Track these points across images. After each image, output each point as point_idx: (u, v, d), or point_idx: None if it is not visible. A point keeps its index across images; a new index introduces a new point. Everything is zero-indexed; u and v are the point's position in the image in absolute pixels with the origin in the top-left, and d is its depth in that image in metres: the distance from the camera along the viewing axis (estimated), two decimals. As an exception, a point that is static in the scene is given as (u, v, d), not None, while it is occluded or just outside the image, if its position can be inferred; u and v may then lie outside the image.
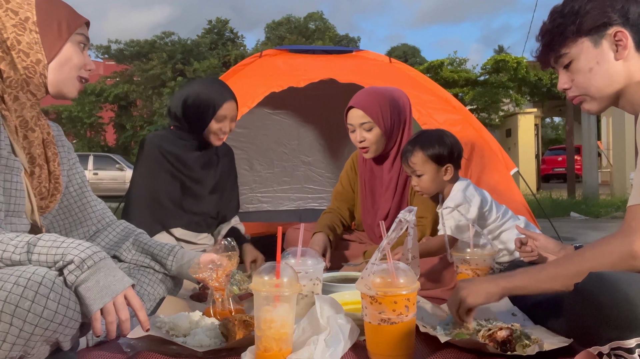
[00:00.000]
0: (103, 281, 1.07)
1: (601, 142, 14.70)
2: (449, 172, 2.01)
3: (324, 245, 2.26)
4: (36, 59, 1.25)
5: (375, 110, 2.20)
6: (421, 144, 1.99)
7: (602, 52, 1.27)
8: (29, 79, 1.25)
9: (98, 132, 21.87)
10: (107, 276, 1.07)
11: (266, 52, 3.44)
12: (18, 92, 1.24)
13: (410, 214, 1.40)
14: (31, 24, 1.24)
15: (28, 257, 1.05)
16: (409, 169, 2.03)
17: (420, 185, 2.03)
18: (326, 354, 1.16)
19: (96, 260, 1.07)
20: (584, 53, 1.28)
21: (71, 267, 1.04)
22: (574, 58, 1.30)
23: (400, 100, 2.28)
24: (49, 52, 1.27)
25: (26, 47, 1.23)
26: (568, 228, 5.86)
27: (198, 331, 1.36)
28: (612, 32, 1.25)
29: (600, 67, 1.28)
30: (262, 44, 23.45)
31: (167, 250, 1.64)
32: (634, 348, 0.99)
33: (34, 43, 1.24)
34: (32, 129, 1.28)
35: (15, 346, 0.97)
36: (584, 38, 1.28)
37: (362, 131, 2.22)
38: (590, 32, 1.27)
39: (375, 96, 2.24)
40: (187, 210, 2.24)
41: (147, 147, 2.22)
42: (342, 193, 2.50)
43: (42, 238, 1.07)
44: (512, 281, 1.30)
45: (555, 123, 35.42)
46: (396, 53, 25.36)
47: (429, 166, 1.99)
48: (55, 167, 1.35)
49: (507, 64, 14.74)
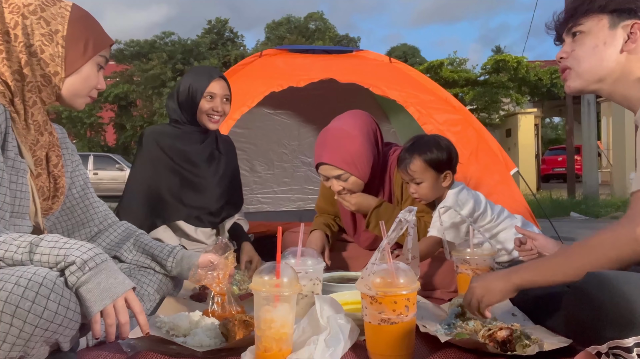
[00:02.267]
0: (104, 284, 1.07)
1: (601, 142, 14.70)
2: (447, 178, 2.00)
3: (322, 242, 2.26)
4: (54, 71, 1.26)
5: (348, 161, 2.06)
6: (419, 151, 1.97)
7: (613, 36, 1.28)
8: (43, 87, 1.27)
9: (98, 132, 21.85)
10: (108, 279, 1.08)
11: (266, 52, 3.45)
12: (36, 95, 1.26)
13: (410, 214, 1.40)
14: (60, 37, 1.26)
15: (30, 257, 1.05)
16: (407, 177, 2.00)
17: (419, 192, 2.01)
18: (326, 354, 1.16)
19: (98, 261, 1.07)
20: (598, 29, 1.30)
21: (73, 268, 1.04)
22: (585, 31, 1.31)
23: (369, 130, 2.14)
24: (69, 68, 1.28)
25: (48, 57, 1.25)
26: (568, 228, 5.85)
27: (198, 331, 1.36)
28: (631, 23, 1.27)
29: (604, 49, 1.29)
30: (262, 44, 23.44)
31: (167, 251, 1.64)
32: (632, 347, 0.99)
33: (57, 56, 1.26)
34: (41, 133, 1.30)
35: (15, 347, 0.97)
36: (604, 15, 1.29)
37: (339, 181, 2.11)
38: (614, 12, 1.28)
39: (342, 143, 2.06)
40: (187, 203, 2.24)
41: (145, 140, 2.24)
42: (324, 208, 2.46)
43: (44, 239, 1.07)
44: (523, 276, 1.29)
45: (555, 123, 35.42)
46: (396, 53, 25.34)
47: (429, 173, 1.97)
48: (59, 170, 1.36)
49: (507, 64, 14.74)
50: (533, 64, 15.67)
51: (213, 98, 2.22)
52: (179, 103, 2.25)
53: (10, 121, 1.21)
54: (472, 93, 15.13)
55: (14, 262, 1.05)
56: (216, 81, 2.23)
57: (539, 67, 15.76)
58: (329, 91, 3.36)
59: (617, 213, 7.51)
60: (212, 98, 2.22)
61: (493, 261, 1.76)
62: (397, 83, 3.08)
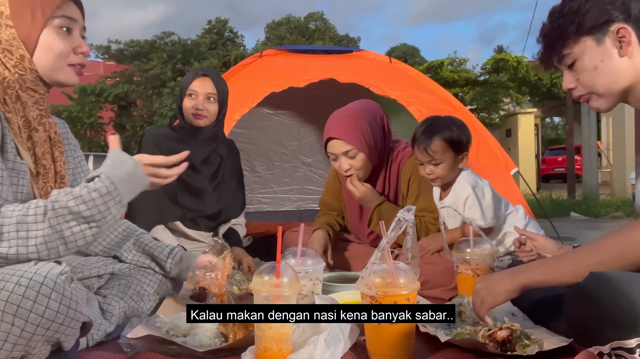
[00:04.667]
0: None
1: (601, 142, 14.70)
2: (464, 160, 2.01)
3: (324, 242, 2.26)
4: (20, 55, 1.19)
5: (357, 137, 2.09)
6: (439, 131, 1.96)
7: (605, 50, 1.25)
8: (23, 76, 1.21)
9: (98, 132, 21.84)
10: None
11: (266, 52, 3.45)
12: (18, 91, 1.21)
13: (409, 213, 1.40)
14: (5, 18, 1.19)
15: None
16: (426, 158, 1.98)
17: (436, 173, 1.99)
18: (326, 354, 1.16)
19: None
20: (588, 52, 1.27)
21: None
22: (578, 57, 1.28)
23: (377, 115, 2.19)
24: (28, 45, 1.19)
25: (7, 44, 1.19)
26: (568, 228, 5.85)
27: (198, 331, 1.37)
28: (615, 29, 1.24)
29: (605, 65, 1.26)
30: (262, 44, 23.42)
31: (166, 252, 1.64)
32: (634, 348, 0.98)
33: (12, 39, 1.19)
34: (35, 129, 1.24)
35: (16, 346, 0.97)
36: (586, 37, 1.26)
37: (346, 159, 2.13)
38: (592, 30, 1.25)
39: (352, 120, 2.12)
40: (182, 204, 2.25)
41: (144, 140, 2.27)
42: (328, 204, 2.47)
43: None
44: (530, 276, 1.27)
45: (555, 123, 35.42)
46: (396, 53, 25.31)
47: (449, 154, 1.97)
48: (61, 167, 1.32)
49: (507, 63, 14.73)
50: (533, 64, 15.66)
51: (195, 97, 2.24)
52: (178, 106, 2.31)
53: (6, 122, 1.19)
54: (472, 93, 15.12)
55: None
56: (199, 79, 2.25)
57: (540, 67, 15.73)
58: (329, 91, 3.36)
59: (617, 213, 7.51)
60: (194, 96, 2.24)
61: (493, 261, 1.76)
62: (398, 83, 3.08)
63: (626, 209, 7.72)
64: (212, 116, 2.26)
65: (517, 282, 1.27)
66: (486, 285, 1.32)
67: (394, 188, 2.25)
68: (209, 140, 2.31)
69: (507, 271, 1.34)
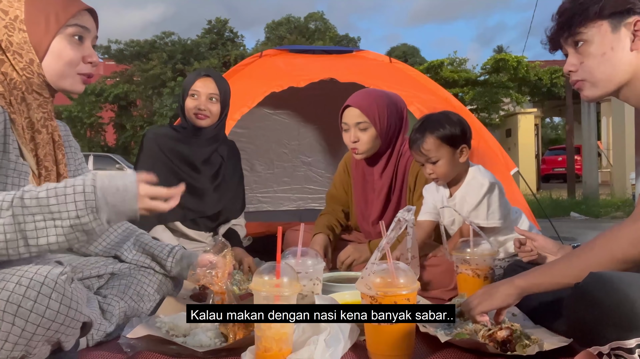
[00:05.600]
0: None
1: (601, 142, 14.70)
2: (464, 153, 1.92)
3: (325, 245, 2.26)
4: (29, 59, 1.21)
5: (372, 110, 2.16)
6: (430, 128, 1.90)
7: (618, 39, 1.24)
8: (30, 80, 1.22)
9: (98, 132, 21.86)
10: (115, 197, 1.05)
11: (266, 52, 3.45)
12: (24, 93, 1.22)
13: (409, 213, 1.40)
14: (19, 22, 1.20)
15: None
16: (422, 157, 1.92)
17: (437, 172, 1.92)
18: (326, 354, 1.16)
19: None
20: (601, 36, 1.25)
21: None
22: (588, 40, 1.27)
23: (398, 104, 2.26)
24: (39, 50, 1.21)
25: (18, 47, 1.19)
26: (568, 228, 5.85)
27: (198, 331, 1.37)
28: (633, 21, 1.23)
29: (613, 54, 1.25)
30: (262, 44, 23.43)
31: (167, 251, 1.64)
32: (634, 348, 0.99)
33: (24, 42, 1.20)
34: (38, 131, 1.25)
35: (17, 346, 0.97)
36: (604, 21, 1.25)
37: (356, 131, 2.18)
38: (612, 16, 1.24)
39: (373, 96, 2.20)
40: (182, 204, 2.24)
41: (145, 140, 2.27)
42: (336, 196, 2.48)
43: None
44: (528, 280, 1.29)
45: (555, 123, 35.42)
46: (396, 53, 25.32)
47: (444, 150, 1.89)
48: (63, 169, 1.33)
49: (507, 63, 14.73)
50: (533, 64, 15.67)
51: (197, 97, 2.24)
52: (180, 106, 2.31)
53: (10, 122, 1.20)
54: (472, 93, 15.12)
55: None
56: (201, 79, 2.26)
57: (539, 67, 15.76)
58: (329, 91, 3.35)
59: (617, 213, 7.51)
60: (196, 96, 2.24)
61: (493, 261, 1.76)
62: (398, 83, 3.08)
63: (626, 209, 7.72)
64: (214, 116, 2.27)
65: (515, 285, 1.30)
66: (486, 289, 1.36)
67: (401, 181, 2.26)
68: (211, 140, 2.32)
69: (508, 278, 1.36)
